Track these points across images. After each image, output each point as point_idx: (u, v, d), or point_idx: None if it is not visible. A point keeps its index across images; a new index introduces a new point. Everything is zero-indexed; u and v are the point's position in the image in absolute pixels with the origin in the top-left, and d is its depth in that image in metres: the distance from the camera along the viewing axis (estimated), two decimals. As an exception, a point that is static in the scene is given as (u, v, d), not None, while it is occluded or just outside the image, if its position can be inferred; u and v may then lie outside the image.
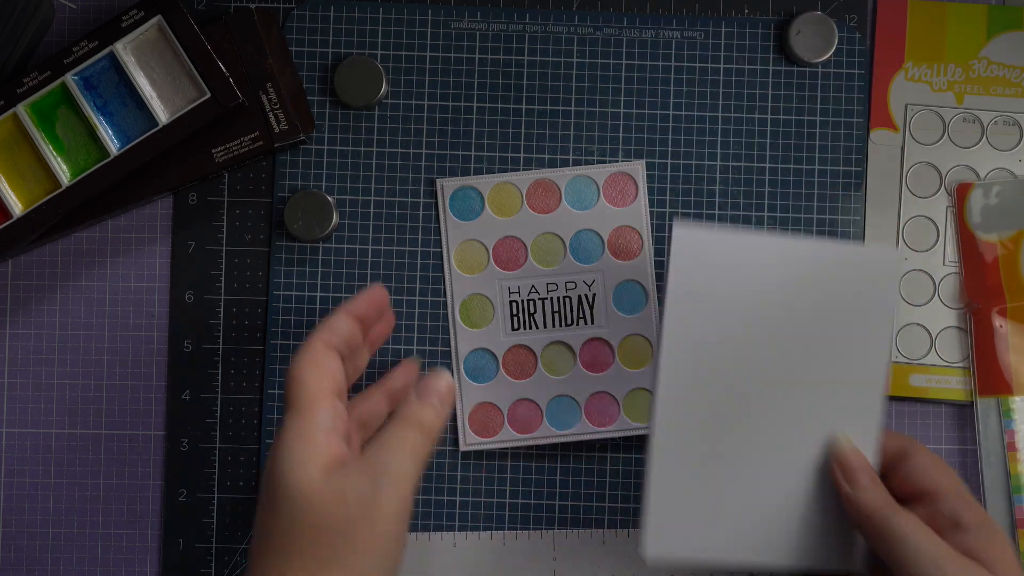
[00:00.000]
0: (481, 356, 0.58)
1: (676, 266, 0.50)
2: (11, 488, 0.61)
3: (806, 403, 0.50)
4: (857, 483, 0.48)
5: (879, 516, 0.47)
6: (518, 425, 0.58)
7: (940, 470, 0.49)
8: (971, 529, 0.47)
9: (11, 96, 0.57)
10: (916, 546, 0.45)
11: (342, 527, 0.42)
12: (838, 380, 0.50)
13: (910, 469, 0.49)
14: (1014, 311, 0.59)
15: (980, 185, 0.60)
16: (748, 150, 0.61)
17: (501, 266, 0.58)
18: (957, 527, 0.47)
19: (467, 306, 0.58)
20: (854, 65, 0.61)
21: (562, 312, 0.57)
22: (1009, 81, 0.61)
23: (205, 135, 0.58)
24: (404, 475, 0.45)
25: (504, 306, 0.58)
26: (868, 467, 0.49)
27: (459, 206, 0.58)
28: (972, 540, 0.46)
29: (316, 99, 0.61)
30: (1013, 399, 0.59)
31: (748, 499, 0.50)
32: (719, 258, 0.50)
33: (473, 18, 0.61)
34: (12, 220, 0.57)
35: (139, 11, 0.57)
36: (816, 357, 0.50)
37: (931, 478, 0.49)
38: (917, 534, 0.46)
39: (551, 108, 0.61)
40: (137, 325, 0.61)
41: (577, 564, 0.60)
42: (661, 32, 0.61)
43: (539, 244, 0.58)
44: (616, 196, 0.58)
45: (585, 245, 0.58)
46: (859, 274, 0.50)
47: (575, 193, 0.58)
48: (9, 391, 0.61)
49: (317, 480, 0.43)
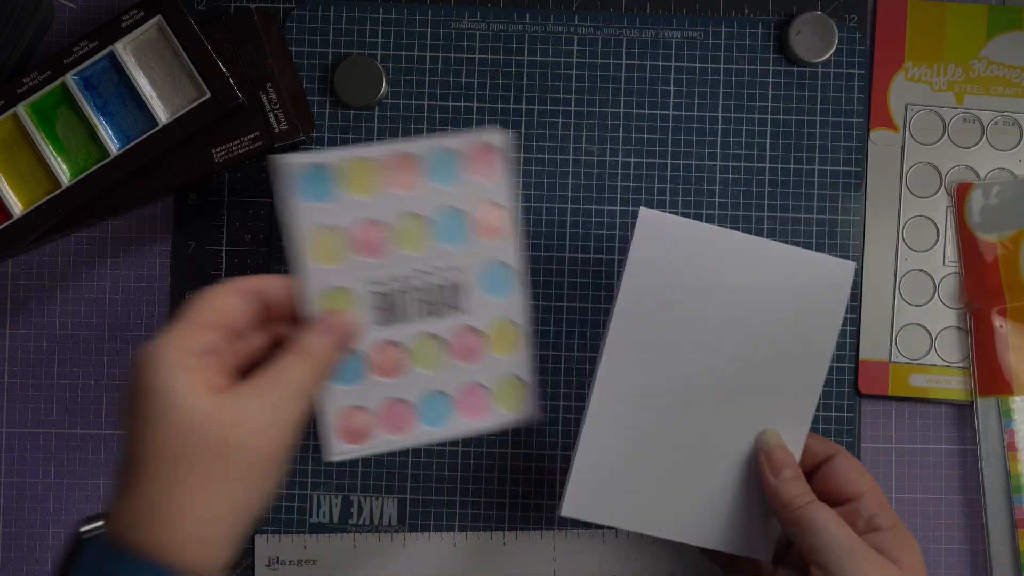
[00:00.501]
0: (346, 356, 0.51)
1: (636, 246, 0.52)
2: (11, 488, 0.61)
3: (744, 395, 0.53)
4: (781, 474, 0.51)
5: (798, 505, 0.50)
6: (390, 428, 0.52)
7: (861, 474, 0.52)
8: (885, 530, 0.49)
9: (11, 96, 0.57)
10: (831, 534, 0.48)
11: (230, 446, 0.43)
12: (778, 378, 0.53)
13: (833, 471, 0.52)
14: (1014, 311, 0.59)
15: (980, 185, 0.60)
16: (748, 150, 0.61)
17: (362, 253, 0.50)
18: (873, 528, 0.50)
19: (327, 302, 0.50)
20: (854, 65, 0.61)
21: (430, 300, 0.52)
22: (1009, 81, 0.61)
23: (205, 135, 0.58)
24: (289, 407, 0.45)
25: (367, 299, 0.51)
26: (793, 462, 0.52)
27: (309, 188, 0.50)
28: (886, 540, 0.49)
29: (316, 99, 0.61)
30: (1013, 399, 0.59)
31: (671, 479, 0.53)
32: (680, 245, 0.53)
33: (473, 18, 0.61)
34: (12, 220, 0.57)
35: (139, 11, 0.57)
36: (761, 353, 0.53)
37: (852, 481, 0.51)
38: (831, 524, 0.48)
39: (551, 108, 0.61)
40: (137, 325, 0.61)
41: (577, 564, 0.60)
42: (661, 32, 0.61)
43: (402, 225, 0.51)
44: (479, 167, 0.51)
45: (450, 224, 0.52)
46: (814, 280, 0.53)
47: (437, 166, 0.51)
48: (9, 391, 0.61)
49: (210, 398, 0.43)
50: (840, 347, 0.60)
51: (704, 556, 0.57)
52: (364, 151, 0.50)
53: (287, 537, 0.60)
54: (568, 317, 0.60)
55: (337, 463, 0.59)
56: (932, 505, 0.60)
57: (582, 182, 0.61)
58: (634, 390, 0.53)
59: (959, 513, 0.60)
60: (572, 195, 0.61)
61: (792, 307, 0.53)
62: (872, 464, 0.60)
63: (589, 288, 0.60)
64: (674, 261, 0.53)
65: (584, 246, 0.60)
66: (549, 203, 0.61)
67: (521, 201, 0.61)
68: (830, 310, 0.53)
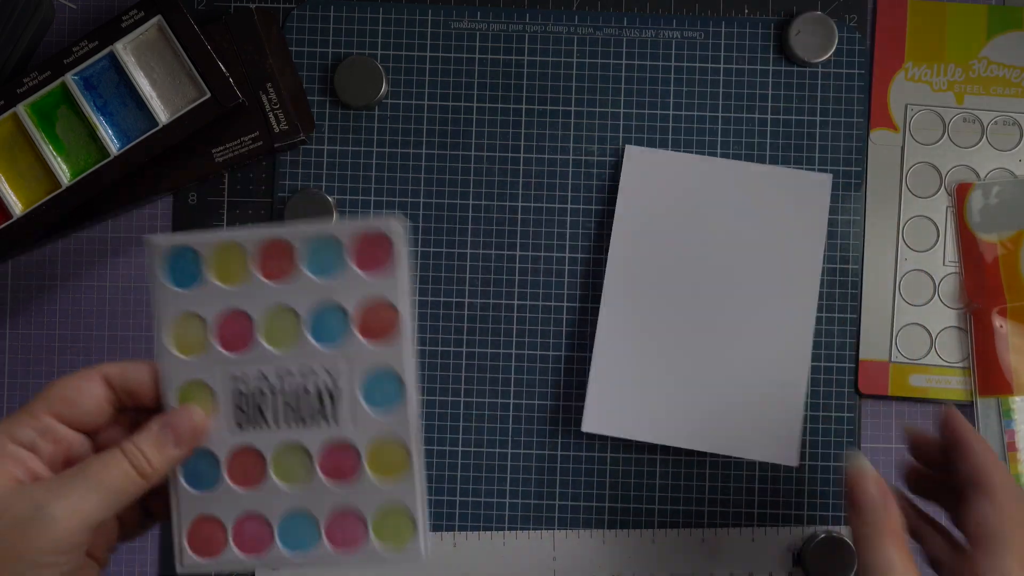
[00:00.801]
0: (202, 458, 0.46)
1: (625, 180, 0.58)
2: (11, 488, 0.60)
3: (743, 307, 0.58)
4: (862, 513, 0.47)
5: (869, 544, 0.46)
6: (245, 544, 0.46)
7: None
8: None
9: (11, 96, 0.57)
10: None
11: (21, 525, 0.41)
12: (775, 288, 0.58)
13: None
14: (1014, 311, 0.59)
15: (980, 185, 0.60)
16: (748, 150, 0.61)
17: (225, 346, 0.45)
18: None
19: (185, 395, 0.45)
20: (854, 65, 0.61)
21: (297, 406, 0.45)
22: (1009, 81, 0.61)
23: (205, 135, 0.58)
24: (88, 502, 0.42)
25: (228, 397, 0.45)
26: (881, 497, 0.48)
27: (175, 269, 0.46)
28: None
29: (316, 99, 0.61)
30: (1013, 399, 0.59)
31: (682, 392, 0.57)
32: (666, 174, 0.58)
33: (473, 18, 0.61)
34: (12, 220, 0.57)
35: (139, 11, 0.57)
36: (754, 266, 0.58)
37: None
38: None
39: (551, 108, 0.61)
40: (137, 325, 0.61)
41: (577, 564, 0.60)
42: (661, 32, 0.61)
43: (271, 319, 0.45)
44: (368, 260, 0.45)
45: (327, 321, 0.46)
46: (796, 195, 0.58)
47: (316, 255, 0.45)
48: (9, 391, 0.61)
49: (10, 483, 0.42)
50: (840, 347, 0.60)
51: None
52: (236, 234, 0.45)
53: (287, 537, 0.60)
54: (568, 318, 0.60)
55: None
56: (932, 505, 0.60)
57: (582, 182, 0.61)
58: (636, 310, 0.57)
59: (959, 513, 0.60)
60: (572, 195, 0.61)
61: (778, 221, 0.58)
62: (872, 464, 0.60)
63: (590, 288, 0.60)
64: (662, 189, 0.58)
65: (584, 246, 0.60)
66: (549, 203, 0.61)
67: (521, 201, 0.61)
68: (814, 221, 0.58)
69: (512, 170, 0.61)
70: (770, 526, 0.60)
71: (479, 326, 0.60)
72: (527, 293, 0.60)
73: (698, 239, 0.58)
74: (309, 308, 0.45)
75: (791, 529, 0.60)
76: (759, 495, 0.60)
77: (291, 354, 0.45)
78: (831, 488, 0.60)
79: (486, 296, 0.61)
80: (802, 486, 0.60)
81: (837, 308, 0.60)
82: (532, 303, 0.60)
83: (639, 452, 0.60)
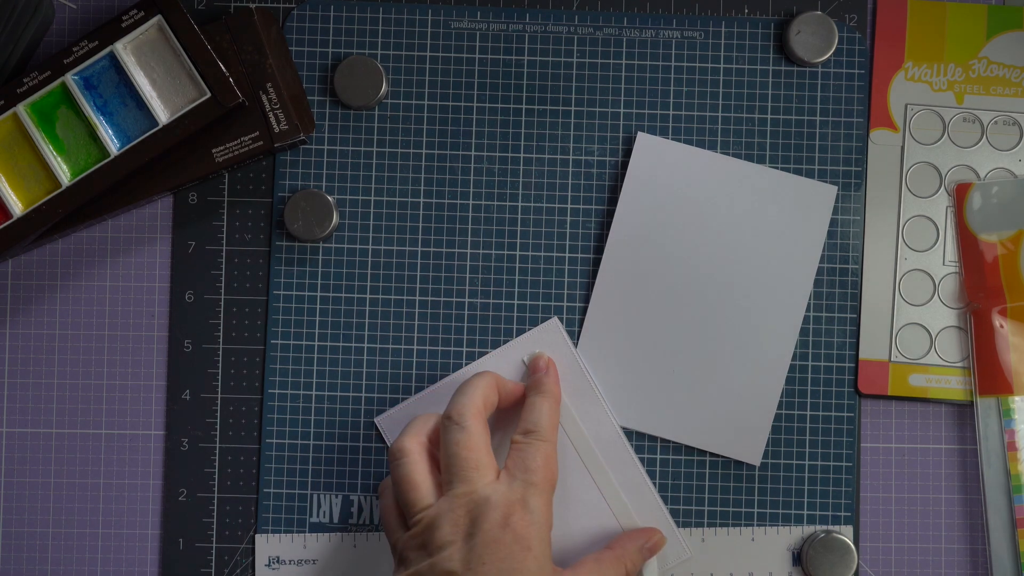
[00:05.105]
0: None
1: (633, 167, 0.59)
2: (11, 488, 0.61)
3: (733, 307, 0.59)
4: None
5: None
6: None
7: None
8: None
9: (11, 96, 0.57)
10: None
11: None
12: (766, 292, 0.59)
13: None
14: (1014, 311, 0.59)
15: (980, 185, 0.60)
16: (748, 150, 0.61)
17: None
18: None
19: None
20: (854, 65, 0.61)
21: None
22: (1009, 81, 0.61)
23: (205, 135, 0.58)
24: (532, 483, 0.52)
25: None
26: None
27: None
28: None
29: (316, 99, 0.61)
30: (1013, 399, 0.59)
31: (667, 384, 0.59)
32: (674, 166, 0.59)
33: (473, 18, 0.61)
34: (12, 220, 0.57)
35: (139, 11, 0.57)
36: (750, 267, 0.59)
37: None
38: None
39: (551, 108, 0.61)
40: (137, 325, 0.61)
41: (577, 564, 0.60)
42: (661, 32, 0.61)
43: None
44: None
45: None
46: (799, 202, 0.59)
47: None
48: (9, 391, 0.61)
49: None
50: (840, 347, 0.60)
51: None
52: None
53: (287, 537, 0.60)
54: (568, 318, 0.60)
55: (337, 464, 0.59)
56: (932, 505, 0.60)
57: (582, 182, 0.61)
58: (628, 300, 0.59)
59: (959, 513, 0.60)
60: (572, 195, 0.61)
61: (779, 226, 0.59)
62: (872, 464, 0.60)
63: (589, 288, 0.60)
64: (668, 181, 0.59)
65: (584, 246, 0.60)
66: (549, 203, 0.61)
67: (521, 201, 0.61)
68: (813, 229, 0.59)
69: (512, 170, 0.61)
70: (770, 526, 0.60)
71: (479, 326, 0.60)
72: (527, 293, 0.60)
73: (697, 234, 0.59)
74: None
75: (791, 529, 0.60)
76: (759, 495, 0.60)
77: None
78: (831, 488, 0.60)
79: (486, 296, 0.61)
80: (802, 486, 0.60)
81: (837, 307, 0.60)
82: (532, 303, 0.60)
83: (639, 452, 0.60)
